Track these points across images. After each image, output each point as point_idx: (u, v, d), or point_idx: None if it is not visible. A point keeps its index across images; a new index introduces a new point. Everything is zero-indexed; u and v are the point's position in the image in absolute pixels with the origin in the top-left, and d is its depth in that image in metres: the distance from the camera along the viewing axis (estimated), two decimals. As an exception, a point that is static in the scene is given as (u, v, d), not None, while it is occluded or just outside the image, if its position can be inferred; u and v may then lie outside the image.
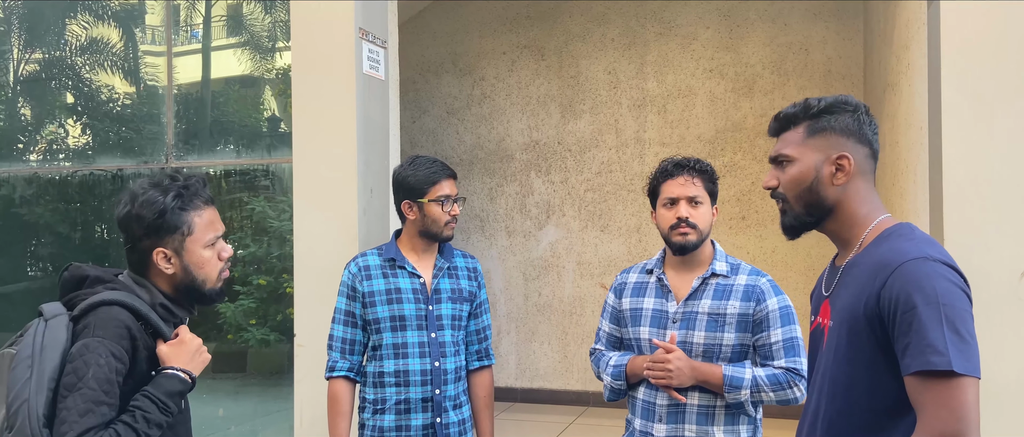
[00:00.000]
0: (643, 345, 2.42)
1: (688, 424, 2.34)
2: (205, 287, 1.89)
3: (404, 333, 2.61)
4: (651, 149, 6.53)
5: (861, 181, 1.60)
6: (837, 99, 1.63)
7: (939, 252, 1.49)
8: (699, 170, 2.40)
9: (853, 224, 1.61)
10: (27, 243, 5.56)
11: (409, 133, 7.07)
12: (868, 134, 1.61)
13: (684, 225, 2.35)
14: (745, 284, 2.36)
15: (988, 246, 3.10)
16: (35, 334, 1.70)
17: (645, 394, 2.40)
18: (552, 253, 6.82)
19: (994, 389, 3.08)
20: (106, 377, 1.67)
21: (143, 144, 5.10)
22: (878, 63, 5.14)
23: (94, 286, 1.82)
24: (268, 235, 4.85)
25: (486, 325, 2.81)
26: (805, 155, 1.62)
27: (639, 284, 2.50)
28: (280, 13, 5.06)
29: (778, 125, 1.70)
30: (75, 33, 5.52)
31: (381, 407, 2.62)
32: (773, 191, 1.68)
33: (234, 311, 4.80)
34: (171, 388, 1.78)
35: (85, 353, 1.68)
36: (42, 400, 1.65)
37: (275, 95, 5.23)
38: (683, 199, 2.37)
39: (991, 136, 3.12)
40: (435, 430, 2.61)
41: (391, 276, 2.65)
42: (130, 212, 1.83)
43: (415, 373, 2.60)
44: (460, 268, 2.74)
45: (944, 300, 1.41)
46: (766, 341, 2.31)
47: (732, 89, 6.36)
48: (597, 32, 6.69)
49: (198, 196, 1.88)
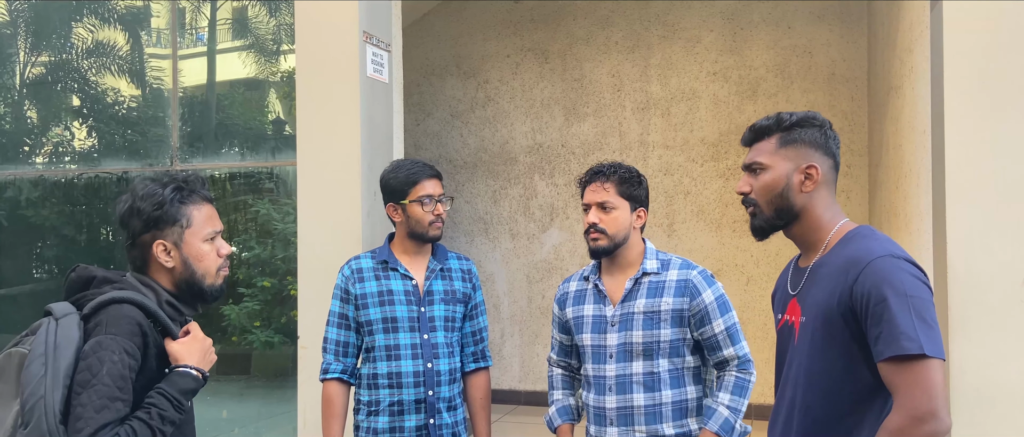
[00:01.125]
0: (586, 351, 2.49)
1: (637, 426, 2.40)
2: (205, 282, 1.92)
3: (396, 335, 2.62)
4: (655, 152, 6.54)
5: (825, 189, 1.77)
6: (806, 115, 1.81)
7: (900, 251, 1.64)
8: (612, 176, 2.47)
9: (818, 228, 1.77)
10: (33, 245, 5.58)
11: (413, 136, 7.09)
12: (833, 147, 1.79)
13: (593, 230, 2.46)
14: (677, 279, 2.43)
15: (991, 249, 3.10)
16: (47, 332, 1.71)
17: (595, 400, 2.47)
18: (556, 256, 6.83)
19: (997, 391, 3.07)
20: (120, 373, 1.69)
21: (148, 147, 5.12)
22: (882, 66, 5.13)
23: (101, 286, 1.84)
24: (272, 237, 4.86)
25: (482, 327, 2.81)
26: (777, 163, 1.78)
27: (579, 292, 2.58)
28: (285, 16, 5.08)
29: (752, 135, 1.86)
30: (81, 36, 5.54)
31: (375, 408, 2.63)
32: (745, 197, 1.83)
33: (238, 313, 4.82)
34: (184, 386, 1.81)
35: (99, 350, 1.69)
36: (58, 396, 1.66)
37: (279, 98, 5.25)
38: (593, 205, 2.46)
39: (994, 139, 3.12)
40: (429, 431, 2.62)
41: (383, 278, 2.66)
42: (131, 206, 1.87)
43: (408, 375, 2.61)
44: (454, 269, 2.75)
45: (911, 292, 1.55)
46: (710, 333, 2.40)
47: (736, 92, 6.36)
48: (601, 35, 6.69)
49: (196, 192, 1.93)
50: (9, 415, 1.68)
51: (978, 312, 3.09)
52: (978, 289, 3.10)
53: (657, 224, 6.49)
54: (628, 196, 2.46)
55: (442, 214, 2.66)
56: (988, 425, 3.08)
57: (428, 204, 2.64)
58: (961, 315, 3.10)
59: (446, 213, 2.69)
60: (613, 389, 2.41)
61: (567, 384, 2.67)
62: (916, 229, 3.81)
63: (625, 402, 2.40)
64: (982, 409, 3.08)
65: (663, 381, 2.38)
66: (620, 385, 2.40)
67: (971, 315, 3.09)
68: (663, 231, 6.49)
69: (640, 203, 2.49)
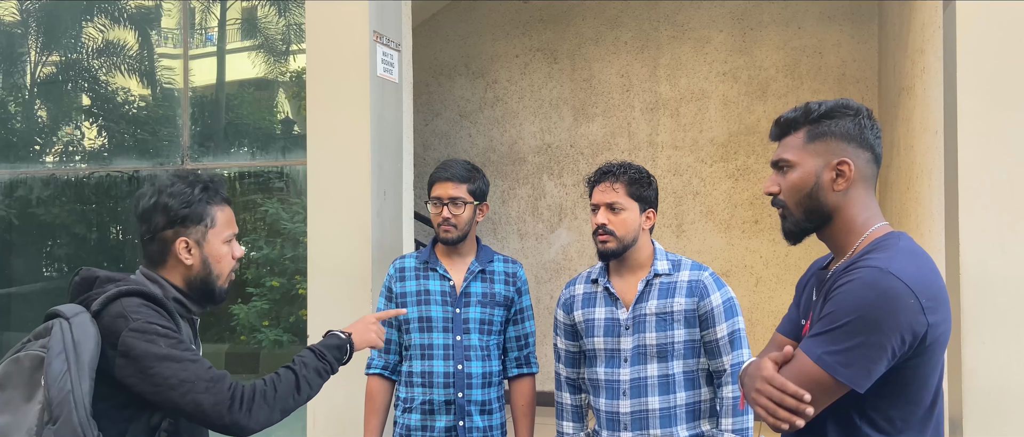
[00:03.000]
0: (598, 355, 2.43)
1: (652, 429, 2.36)
2: (217, 283, 1.94)
3: (430, 335, 2.63)
4: (664, 152, 6.52)
5: (861, 187, 1.59)
6: (838, 103, 1.62)
7: (903, 266, 1.47)
8: (622, 176, 2.41)
9: (850, 231, 1.60)
10: (43, 244, 5.60)
11: (422, 136, 7.09)
12: (870, 138, 1.60)
13: (602, 232, 2.40)
14: (688, 280, 2.39)
15: (1005, 251, 3.07)
16: (63, 331, 1.70)
17: (607, 405, 2.41)
18: (564, 256, 6.82)
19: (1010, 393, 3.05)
20: (177, 339, 1.76)
21: (159, 146, 5.14)
22: (893, 66, 5.11)
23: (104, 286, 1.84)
24: (282, 237, 4.87)
25: (528, 332, 2.76)
26: (805, 160, 1.61)
27: (587, 295, 2.51)
28: (295, 16, 5.09)
29: (779, 130, 1.69)
30: (91, 36, 5.56)
31: (409, 406, 2.65)
32: (774, 198, 1.67)
33: (247, 312, 4.83)
34: (330, 342, 1.96)
35: (138, 340, 1.72)
36: (86, 389, 1.66)
37: (289, 98, 5.26)
38: (602, 206, 2.41)
39: (1008, 140, 3.10)
40: (458, 433, 2.61)
41: (423, 278, 2.68)
42: (156, 202, 1.88)
43: (438, 375, 2.61)
44: (497, 272, 2.72)
45: (861, 312, 1.43)
46: (712, 337, 2.36)
47: (745, 92, 6.34)
48: (610, 35, 6.68)
49: (219, 193, 1.96)
50: (25, 417, 1.67)
51: (991, 313, 3.07)
52: (991, 291, 3.07)
53: (666, 225, 6.48)
54: (638, 197, 2.41)
55: (450, 218, 2.62)
56: (1001, 427, 3.06)
57: (436, 206, 2.64)
58: (974, 316, 3.08)
59: (456, 217, 2.63)
60: (627, 393, 2.37)
61: (577, 416, 2.59)
62: (928, 230, 3.78)
63: (640, 406, 2.36)
64: (995, 411, 3.06)
65: (677, 383, 2.36)
66: (635, 389, 2.36)
67: (984, 316, 3.07)
68: (672, 232, 6.47)
69: (649, 204, 2.44)
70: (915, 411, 1.50)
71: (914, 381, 1.49)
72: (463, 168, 2.68)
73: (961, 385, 3.07)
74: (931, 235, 3.69)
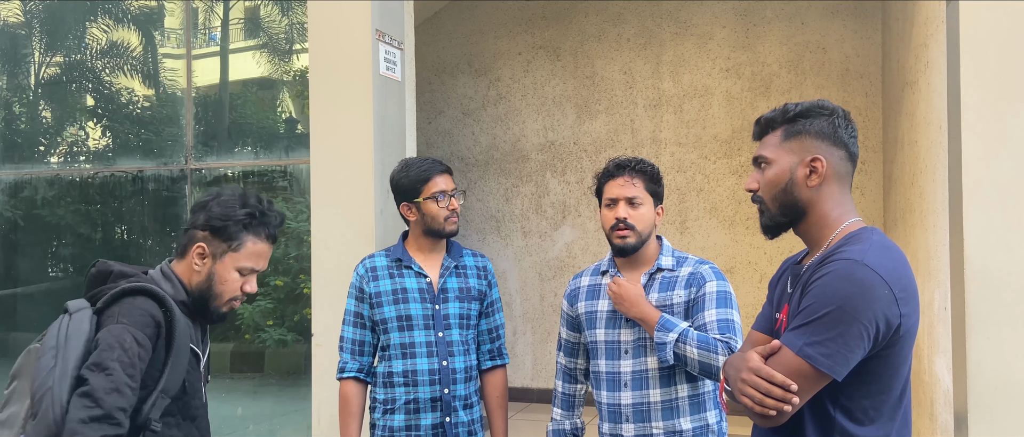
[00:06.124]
0: (599, 347, 2.44)
1: (654, 421, 2.36)
2: (214, 303, 1.97)
3: (411, 333, 2.62)
4: (667, 149, 6.52)
5: (835, 184, 1.66)
6: (814, 104, 1.69)
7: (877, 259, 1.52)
8: (640, 170, 2.40)
9: (823, 226, 1.66)
10: (48, 244, 5.62)
11: (425, 134, 7.10)
12: (844, 137, 1.66)
13: (622, 226, 2.37)
14: (689, 273, 2.39)
15: (1009, 245, 3.07)
16: (59, 326, 1.75)
17: (609, 397, 2.42)
18: (568, 253, 6.82)
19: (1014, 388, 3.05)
20: (130, 361, 1.72)
21: (163, 146, 5.15)
22: (896, 62, 5.10)
23: (117, 281, 1.88)
24: (285, 235, 4.88)
25: (498, 324, 2.80)
26: (781, 157, 1.69)
27: (592, 287, 2.52)
28: (297, 15, 5.09)
29: (759, 129, 1.78)
30: (95, 36, 5.58)
31: (391, 407, 2.63)
32: (753, 194, 1.75)
33: (251, 311, 4.84)
34: None
35: (109, 338, 1.72)
36: (66, 388, 1.68)
37: (292, 97, 5.27)
38: (622, 200, 2.38)
39: (1011, 135, 3.09)
40: (445, 430, 2.61)
41: (397, 276, 2.66)
42: (208, 202, 1.94)
43: (423, 373, 2.61)
44: (469, 267, 2.74)
45: (839, 303, 1.48)
46: (701, 321, 2.30)
47: (749, 89, 6.33)
48: (613, 32, 6.68)
49: (264, 227, 1.98)
50: (22, 409, 1.71)
51: (995, 308, 3.07)
52: (995, 286, 3.07)
53: (669, 222, 6.47)
54: (653, 193, 2.41)
55: (457, 209, 2.66)
56: (1005, 422, 3.05)
57: (442, 200, 2.63)
58: (978, 311, 3.08)
59: (461, 207, 2.69)
60: (629, 385, 2.38)
61: (567, 403, 2.62)
62: (932, 226, 3.78)
63: (641, 398, 2.36)
64: (1000, 404, 3.06)
65: (680, 375, 2.35)
66: (636, 381, 2.37)
67: (988, 311, 3.07)
68: (675, 229, 6.47)
69: (660, 200, 2.45)
70: (886, 400, 1.56)
71: (886, 371, 1.55)
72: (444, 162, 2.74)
73: (966, 379, 3.07)
74: (935, 230, 3.68)
